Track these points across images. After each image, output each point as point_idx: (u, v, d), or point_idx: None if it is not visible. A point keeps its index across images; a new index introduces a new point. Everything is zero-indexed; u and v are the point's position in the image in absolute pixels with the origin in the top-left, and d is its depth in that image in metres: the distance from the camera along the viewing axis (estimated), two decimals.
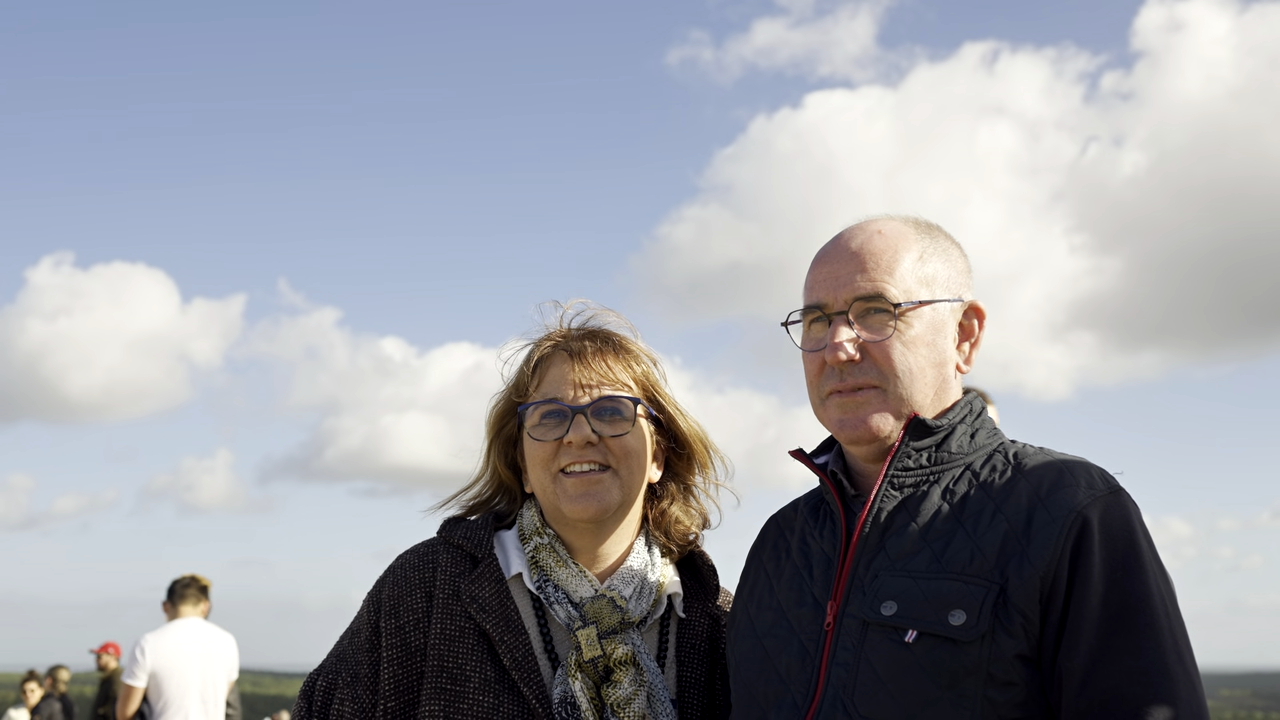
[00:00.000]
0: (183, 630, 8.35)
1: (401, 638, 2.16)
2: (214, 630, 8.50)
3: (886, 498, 1.98)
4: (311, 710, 2.19)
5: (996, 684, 1.80)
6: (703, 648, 2.29)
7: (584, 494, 2.19)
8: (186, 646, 8.26)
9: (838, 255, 2.06)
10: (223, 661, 8.41)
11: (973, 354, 2.11)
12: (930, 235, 2.10)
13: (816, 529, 2.10)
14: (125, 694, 8.21)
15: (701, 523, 2.39)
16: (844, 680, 1.88)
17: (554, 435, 2.21)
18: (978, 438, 2.04)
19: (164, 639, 8.28)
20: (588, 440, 2.19)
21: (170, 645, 8.24)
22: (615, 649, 2.14)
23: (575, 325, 2.35)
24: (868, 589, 1.92)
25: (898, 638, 1.85)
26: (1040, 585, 1.81)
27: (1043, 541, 1.83)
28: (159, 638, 8.29)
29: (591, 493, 2.19)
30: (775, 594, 2.09)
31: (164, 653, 8.18)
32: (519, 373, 2.31)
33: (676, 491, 2.37)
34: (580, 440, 2.18)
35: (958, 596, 1.83)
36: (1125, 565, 1.83)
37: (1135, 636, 1.80)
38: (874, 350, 1.99)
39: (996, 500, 1.92)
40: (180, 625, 8.39)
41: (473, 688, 2.10)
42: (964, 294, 2.10)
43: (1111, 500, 1.88)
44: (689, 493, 2.39)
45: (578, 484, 2.19)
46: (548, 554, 2.23)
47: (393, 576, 2.24)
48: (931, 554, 1.90)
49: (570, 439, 2.19)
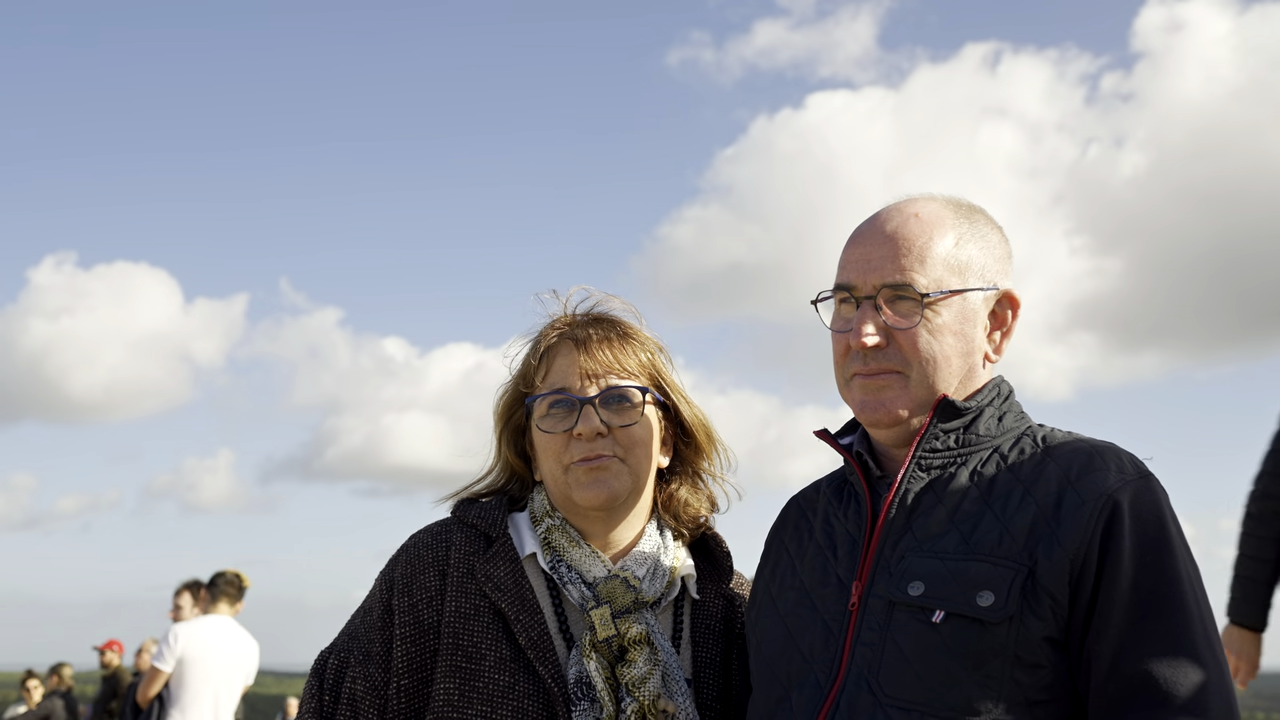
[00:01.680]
0: (214, 626, 8.48)
1: (414, 615, 2.15)
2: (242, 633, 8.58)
3: (914, 479, 1.97)
4: (323, 688, 2.17)
5: (1023, 666, 1.80)
6: (717, 628, 2.29)
7: (593, 483, 2.18)
8: (214, 643, 8.38)
9: (872, 237, 2.02)
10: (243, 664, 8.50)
11: (1004, 343, 2.08)
12: (969, 219, 2.06)
13: (840, 510, 2.09)
14: (151, 676, 8.39)
15: (710, 506, 2.39)
16: (869, 660, 1.87)
17: (563, 427, 2.20)
18: (1005, 420, 2.02)
19: (195, 631, 8.41)
20: (597, 431, 2.18)
21: (200, 638, 8.36)
22: (629, 628, 2.14)
23: (580, 312, 2.34)
24: (894, 569, 1.91)
25: (925, 618, 1.84)
26: (1070, 568, 1.81)
27: (1072, 524, 1.83)
28: (191, 629, 8.42)
29: (601, 480, 2.18)
30: (798, 574, 2.08)
31: (193, 644, 8.31)
32: (525, 362, 2.30)
33: (685, 476, 2.37)
34: (590, 432, 2.18)
35: (986, 578, 1.82)
36: (1155, 550, 1.83)
37: (1165, 620, 1.80)
38: (900, 337, 1.97)
39: (1025, 483, 1.91)
40: (212, 620, 8.52)
41: (488, 666, 2.10)
42: (1000, 281, 2.06)
43: (1142, 485, 1.87)
44: (697, 478, 2.38)
45: (588, 473, 2.18)
46: (560, 535, 2.22)
47: (406, 555, 2.24)
48: (960, 535, 1.89)
49: (580, 430, 2.18)
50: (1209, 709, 1.76)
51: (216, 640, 8.39)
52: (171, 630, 8.43)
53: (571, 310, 2.34)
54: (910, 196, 2.08)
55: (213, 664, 8.31)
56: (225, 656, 8.38)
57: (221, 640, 8.41)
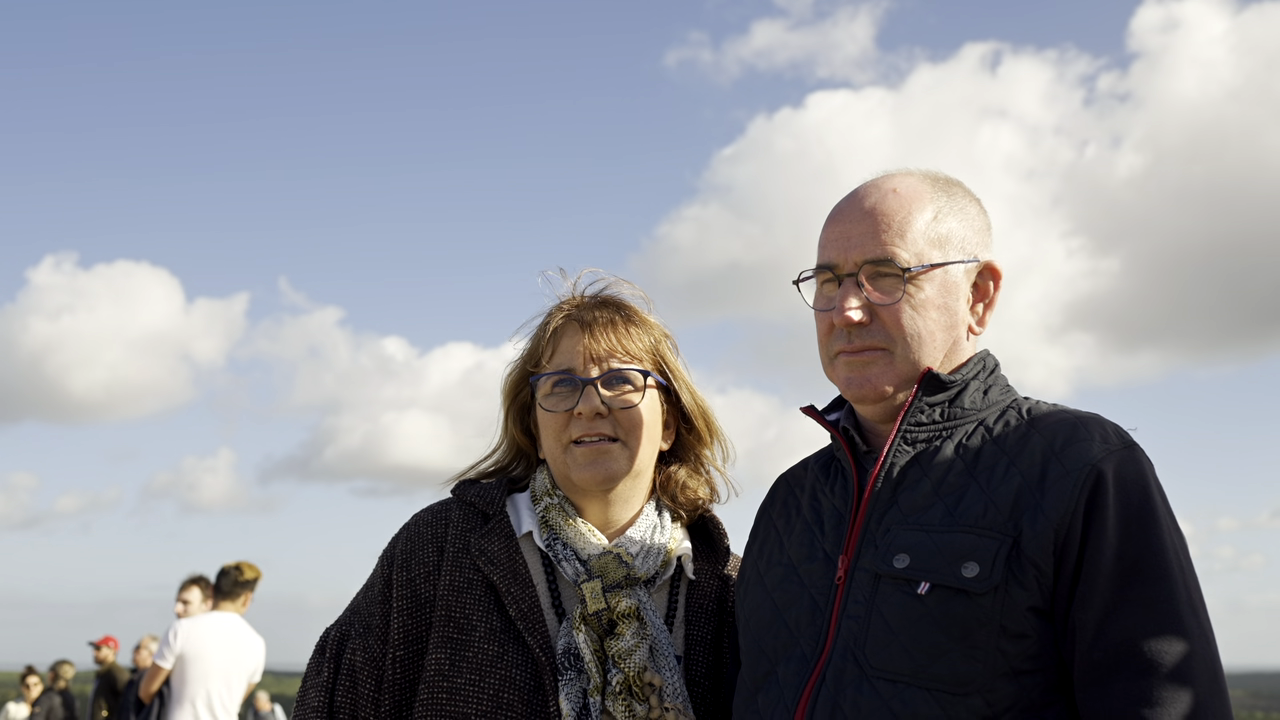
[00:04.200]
0: (216, 623, 8.47)
1: (412, 589, 2.21)
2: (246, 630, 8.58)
3: (899, 453, 1.97)
4: (324, 659, 2.24)
5: (1009, 636, 1.80)
6: (711, 607, 2.32)
7: (592, 463, 2.23)
8: (215, 640, 8.37)
9: (851, 214, 2.03)
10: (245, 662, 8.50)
11: (986, 315, 2.08)
12: (947, 192, 2.06)
13: (828, 485, 2.10)
14: (151, 673, 8.40)
15: (709, 492, 2.41)
16: (855, 632, 1.88)
17: (565, 406, 2.24)
18: (991, 394, 2.03)
19: (196, 628, 8.40)
20: (597, 411, 2.22)
21: (200, 635, 8.35)
22: (619, 602, 2.17)
23: (589, 294, 2.38)
24: (880, 542, 1.92)
25: (910, 590, 1.85)
26: (1054, 537, 1.81)
27: (1057, 494, 1.83)
28: (192, 625, 8.42)
29: (599, 462, 2.23)
30: (785, 550, 2.09)
31: (193, 641, 8.31)
32: (533, 341, 2.34)
33: (685, 461, 2.40)
34: (590, 411, 2.22)
35: (971, 548, 1.83)
36: (1140, 519, 1.83)
37: (1149, 589, 1.80)
38: (883, 313, 1.97)
39: (1010, 454, 1.91)
40: (215, 617, 8.51)
41: (478, 637, 2.14)
42: (980, 254, 2.06)
43: (1126, 455, 1.88)
44: (698, 463, 2.41)
45: (587, 453, 2.23)
46: (557, 513, 2.27)
47: (406, 532, 2.30)
48: (945, 508, 1.89)
49: (580, 410, 2.22)
50: (1193, 676, 1.76)
51: (218, 637, 8.37)
52: (172, 627, 8.43)
53: (580, 291, 2.38)
54: (887, 172, 2.09)
55: (213, 661, 8.29)
56: (226, 654, 8.36)
57: (223, 637, 8.39)
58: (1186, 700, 1.75)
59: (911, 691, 1.80)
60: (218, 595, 8.54)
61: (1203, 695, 1.76)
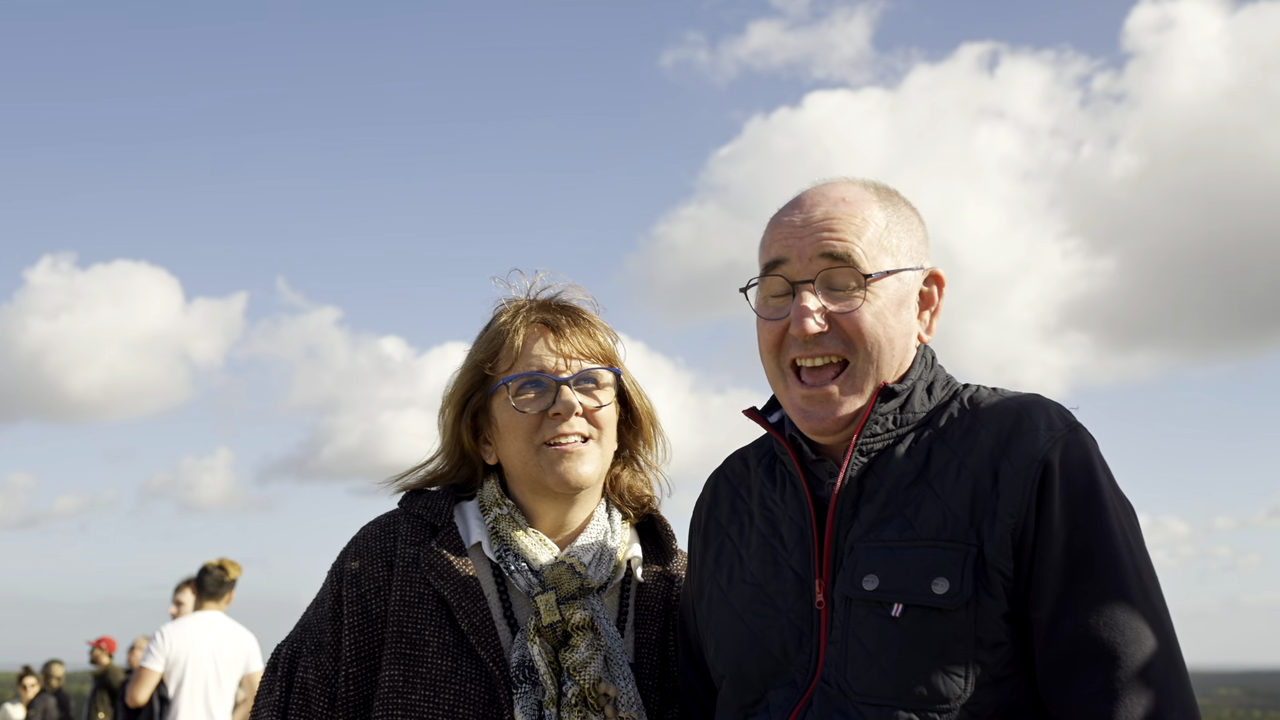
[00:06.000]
0: (201, 623, 8.50)
1: (362, 605, 2.19)
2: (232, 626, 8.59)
3: (853, 464, 1.94)
4: (276, 677, 2.22)
5: (985, 646, 1.80)
6: (658, 609, 2.32)
7: (567, 464, 2.21)
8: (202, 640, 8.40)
9: (803, 215, 1.99)
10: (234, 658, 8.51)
11: (933, 322, 2.06)
12: (890, 201, 2.04)
13: (776, 492, 2.07)
14: (139, 676, 8.43)
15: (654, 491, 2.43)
16: (834, 658, 1.87)
17: (539, 407, 2.23)
18: (934, 391, 2.01)
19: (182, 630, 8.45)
20: (574, 411, 2.22)
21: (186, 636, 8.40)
22: (573, 614, 2.16)
23: (544, 297, 2.36)
24: (847, 563, 1.90)
25: (883, 612, 1.83)
26: (1012, 540, 1.81)
27: (1010, 496, 1.82)
28: (178, 627, 8.47)
29: (574, 463, 2.22)
30: (746, 565, 2.05)
31: (180, 643, 8.35)
32: (490, 342, 2.30)
33: (631, 460, 2.42)
34: (568, 411, 2.21)
35: (937, 564, 1.82)
36: (1086, 505, 1.82)
37: (1098, 579, 1.80)
38: (842, 321, 1.93)
39: (960, 454, 1.90)
40: (199, 617, 8.53)
41: (431, 652, 2.13)
42: (924, 261, 2.05)
43: (1071, 439, 1.86)
44: (644, 462, 2.43)
45: (561, 455, 2.21)
46: (507, 524, 2.25)
47: (354, 547, 2.28)
48: (904, 520, 1.88)
49: (558, 410, 2.21)
50: (1150, 663, 1.76)
51: (204, 637, 8.41)
52: (159, 630, 8.48)
53: (535, 294, 2.37)
54: (829, 180, 2.06)
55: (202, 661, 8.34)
56: (214, 652, 8.40)
57: (209, 636, 8.42)
58: (1145, 687, 1.75)
59: (896, 714, 1.79)
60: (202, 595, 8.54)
61: (1161, 679, 1.76)
